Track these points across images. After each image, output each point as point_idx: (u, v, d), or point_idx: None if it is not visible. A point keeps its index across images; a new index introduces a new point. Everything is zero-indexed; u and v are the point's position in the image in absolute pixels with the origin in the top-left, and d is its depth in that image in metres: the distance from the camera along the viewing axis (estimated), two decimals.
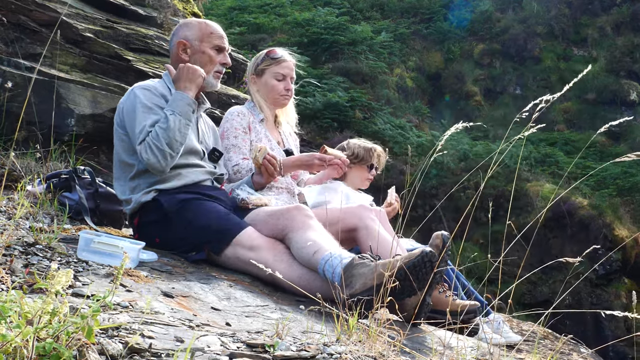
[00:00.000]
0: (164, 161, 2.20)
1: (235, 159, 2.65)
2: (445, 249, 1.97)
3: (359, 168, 3.16)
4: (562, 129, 12.06)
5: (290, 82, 2.79)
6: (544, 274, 8.75)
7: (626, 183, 9.89)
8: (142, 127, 2.23)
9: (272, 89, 2.77)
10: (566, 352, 2.77)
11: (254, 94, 2.81)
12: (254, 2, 14.03)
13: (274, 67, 2.77)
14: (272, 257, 2.11)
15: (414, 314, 1.93)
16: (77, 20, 4.16)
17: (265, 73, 2.77)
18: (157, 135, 2.19)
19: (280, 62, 2.77)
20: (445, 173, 9.75)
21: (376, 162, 3.17)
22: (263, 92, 2.79)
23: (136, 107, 2.28)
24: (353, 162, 3.12)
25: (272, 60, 2.77)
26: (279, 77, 2.76)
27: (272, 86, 2.76)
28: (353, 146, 3.16)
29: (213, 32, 2.47)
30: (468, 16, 14.42)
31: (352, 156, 3.11)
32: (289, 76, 2.78)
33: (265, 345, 1.34)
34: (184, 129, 2.24)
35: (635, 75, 12.72)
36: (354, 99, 10.64)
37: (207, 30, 2.46)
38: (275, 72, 2.76)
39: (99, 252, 1.81)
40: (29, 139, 3.33)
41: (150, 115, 2.26)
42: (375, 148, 3.17)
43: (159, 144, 2.18)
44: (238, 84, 5.62)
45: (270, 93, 2.78)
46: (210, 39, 2.45)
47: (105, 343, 1.12)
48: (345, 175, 3.17)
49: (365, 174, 3.18)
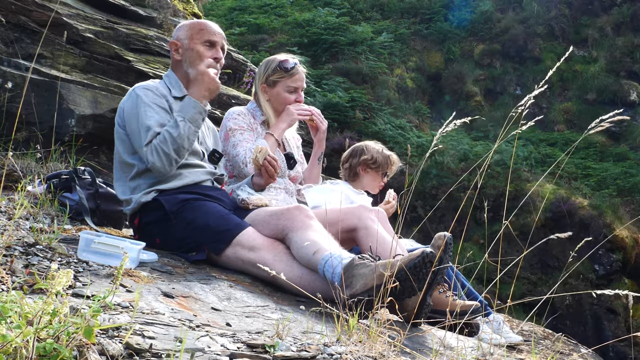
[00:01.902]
0: (169, 166, 2.21)
1: (242, 152, 2.66)
2: (447, 250, 1.98)
3: (374, 174, 3.20)
4: (562, 129, 12.05)
5: (301, 94, 2.84)
6: (544, 275, 8.74)
7: (626, 183, 9.88)
8: (146, 127, 2.23)
9: (285, 102, 2.80)
10: (566, 352, 2.78)
11: (263, 102, 2.82)
12: (254, 3, 14.02)
13: (287, 80, 2.79)
14: (272, 257, 2.11)
15: (414, 314, 1.93)
16: (78, 21, 4.16)
17: (277, 85, 2.79)
18: (165, 140, 2.19)
19: (294, 75, 2.80)
20: (445, 173, 9.75)
21: (390, 170, 3.22)
22: (274, 103, 2.81)
23: (138, 108, 2.28)
24: (371, 167, 3.16)
25: (285, 73, 2.79)
26: (290, 89, 2.80)
27: (284, 98, 2.79)
28: (373, 151, 3.20)
29: (204, 28, 2.46)
30: (468, 16, 14.42)
31: (371, 161, 3.16)
32: (300, 87, 2.82)
33: (266, 346, 1.34)
34: (192, 137, 2.24)
35: (635, 75, 12.71)
36: (354, 100, 10.64)
37: (197, 27, 2.46)
38: (287, 85, 2.79)
39: (99, 253, 1.81)
40: (29, 139, 3.33)
41: (153, 115, 2.26)
42: (392, 156, 3.23)
43: (166, 149, 2.18)
44: (238, 84, 5.62)
45: (282, 105, 2.80)
46: (200, 35, 2.44)
47: (105, 343, 1.12)
48: (358, 178, 3.20)
49: (379, 180, 3.22)
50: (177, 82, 2.46)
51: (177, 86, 2.44)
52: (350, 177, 3.23)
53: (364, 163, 3.17)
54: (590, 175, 10.43)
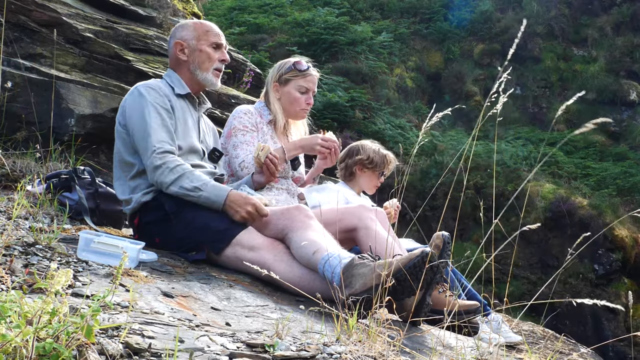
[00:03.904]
0: (166, 188, 2.21)
1: (242, 155, 2.66)
2: (445, 249, 1.97)
3: (372, 174, 3.17)
4: (562, 129, 12.06)
5: (311, 96, 2.85)
6: (544, 274, 8.75)
7: (626, 183, 9.88)
8: (158, 138, 2.23)
9: (295, 101, 2.81)
10: (566, 351, 2.78)
11: (273, 101, 2.83)
12: (253, 2, 14.03)
13: (299, 79, 2.81)
14: (272, 257, 2.11)
15: (414, 314, 1.93)
16: (77, 20, 4.16)
17: (289, 83, 2.81)
18: (184, 177, 2.19)
19: (306, 75, 2.82)
20: (453, 174, 9.76)
21: (387, 169, 3.20)
22: (284, 102, 2.83)
23: (143, 108, 2.27)
24: (367, 167, 3.14)
25: (299, 72, 2.81)
26: (302, 90, 2.82)
27: (295, 98, 2.81)
28: (369, 151, 3.16)
29: (209, 30, 2.47)
30: (468, 16, 14.42)
31: (367, 161, 3.14)
32: (311, 90, 2.84)
33: (265, 345, 1.34)
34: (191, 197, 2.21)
35: (635, 75, 12.71)
36: (354, 99, 10.64)
37: (202, 28, 2.47)
38: (299, 84, 2.81)
39: (98, 252, 1.81)
40: (29, 139, 3.33)
41: (162, 121, 2.26)
42: (389, 155, 3.20)
43: (179, 181, 2.19)
44: (238, 83, 5.62)
45: (291, 104, 2.82)
46: (206, 36, 2.45)
47: (105, 343, 1.12)
48: (354, 178, 3.18)
49: (376, 180, 3.19)
50: (179, 80, 2.45)
51: (179, 85, 2.44)
52: (346, 176, 3.21)
53: (360, 163, 3.15)
54: (590, 175, 10.44)
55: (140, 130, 2.26)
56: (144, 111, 2.26)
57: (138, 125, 2.26)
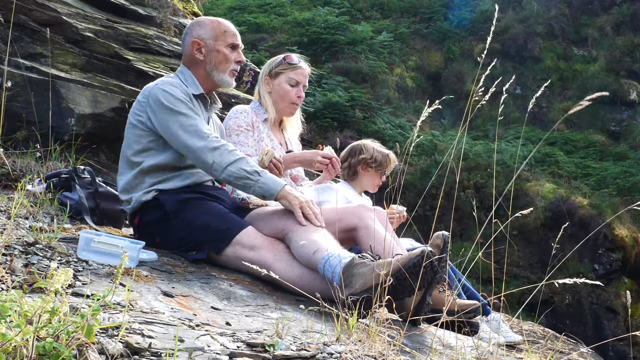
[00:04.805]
0: (224, 169, 2.18)
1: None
2: (445, 248, 1.97)
3: (374, 173, 3.18)
4: (561, 128, 12.06)
5: (302, 90, 2.84)
6: (544, 274, 8.75)
7: (626, 183, 9.87)
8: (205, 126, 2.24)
9: (285, 94, 2.80)
10: (566, 351, 2.78)
11: (263, 94, 2.83)
12: (253, 2, 14.02)
13: (290, 72, 2.81)
14: (273, 256, 2.11)
15: (414, 314, 1.93)
16: (77, 20, 4.16)
17: (279, 76, 2.81)
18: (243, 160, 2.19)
19: (296, 68, 2.82)
20: (445, 173, 9.76)
21: (388, 169, 3.21)
22: (274, 95, 2.82)
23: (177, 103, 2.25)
24: (371, 165, 3.14)
25: (289, 66, 2.81)
26: (292, 82, 2.80)
27: (285, 91, 2.80)
28: (371, 150, 3.17)
29: (227, 30, 2.44)
30: (468, 16, 14.42)
31: (371, 160, 3.14)
32: (302, 83, 2.83)
33: (265, 345, 1.34)
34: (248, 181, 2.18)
35: (635, 75, 12.71)
36: (354, 99, 10.64)
37: (220, 28, 2.44)
38: (289, 77, 2.80)
39: (99, 252, 1.81)
40: (29, 138, 3.33)
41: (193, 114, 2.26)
42: (390, 154, 3.21)
43: (238, 163, 2.17)
44: (238, 83, 5.62)
45: (282, 97, 2.81)
46: (224, 37, 2.42)
47: (105, 342, 1.12)
48: (357, 177, 3.18)
49: (378, 179, 3.20)
50: (193, 79, 2.42)
51: (193, 84, 2.41)
52: (349, 176, 3.21)
53: (363, 162, 3.16)
54: (590, 174, 10.43)
55: (177, 122, 2.23)
56: (177, 105, 2.25)
57: (174, 118, 2.23)
